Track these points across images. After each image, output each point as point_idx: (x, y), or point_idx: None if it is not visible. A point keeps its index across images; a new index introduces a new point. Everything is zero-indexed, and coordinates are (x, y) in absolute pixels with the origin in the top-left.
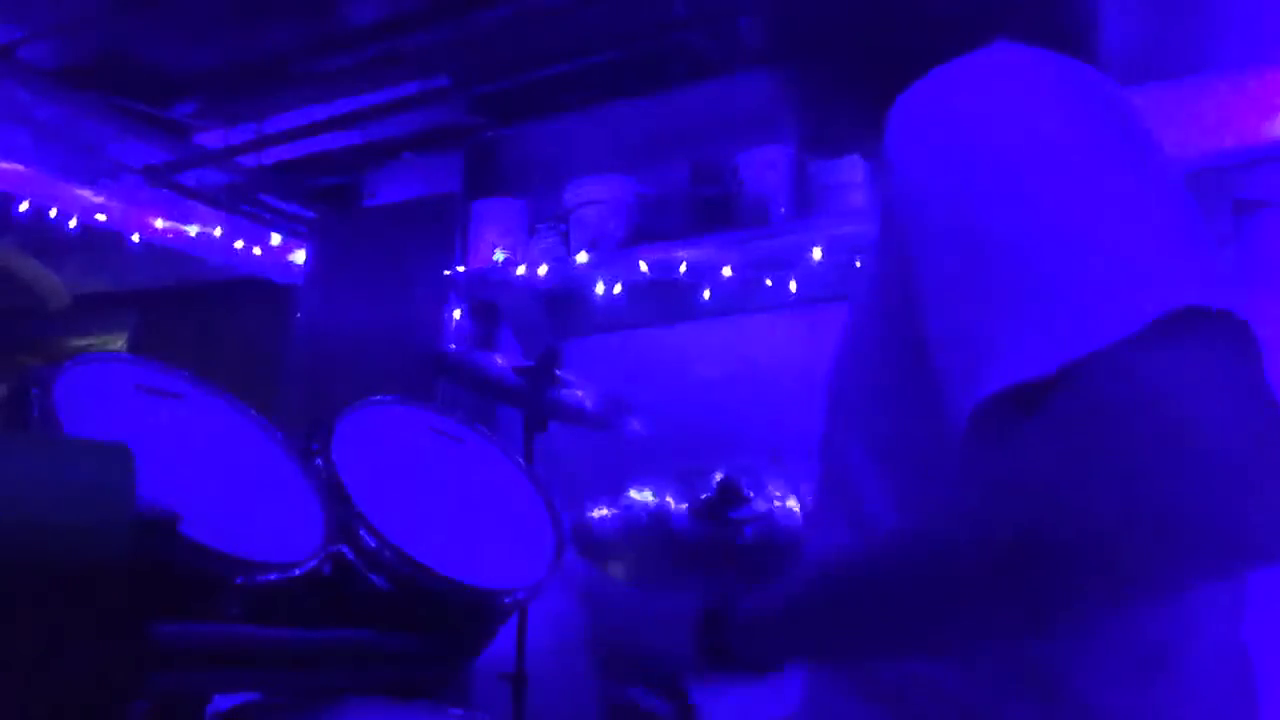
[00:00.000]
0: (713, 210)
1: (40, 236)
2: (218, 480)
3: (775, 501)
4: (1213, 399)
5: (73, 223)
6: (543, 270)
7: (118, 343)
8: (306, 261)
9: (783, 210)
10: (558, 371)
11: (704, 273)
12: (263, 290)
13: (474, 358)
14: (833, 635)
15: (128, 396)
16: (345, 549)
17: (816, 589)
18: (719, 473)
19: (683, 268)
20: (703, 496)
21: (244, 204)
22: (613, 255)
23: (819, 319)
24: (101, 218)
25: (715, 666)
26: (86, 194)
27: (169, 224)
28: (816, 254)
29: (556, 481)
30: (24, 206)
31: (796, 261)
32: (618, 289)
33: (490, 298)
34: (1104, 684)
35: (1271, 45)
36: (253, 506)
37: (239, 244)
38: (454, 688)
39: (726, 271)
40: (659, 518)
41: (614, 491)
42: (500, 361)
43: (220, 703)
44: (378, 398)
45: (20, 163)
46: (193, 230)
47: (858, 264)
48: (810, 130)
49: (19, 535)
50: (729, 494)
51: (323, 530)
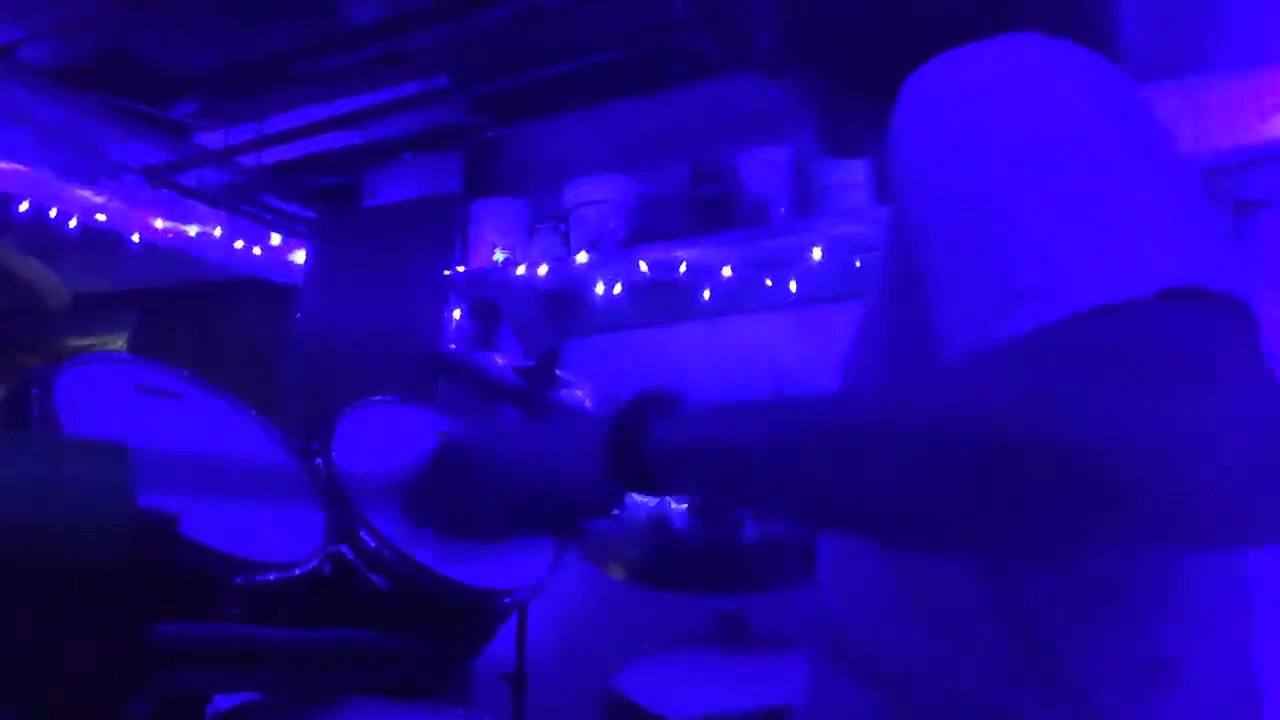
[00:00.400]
0: (713, 210)
1: (40, 236)
2: (218, 480)
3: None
4: (1224, 356)
5: (73, 223)
6: (543, 270)
7: (118, 343)
8: (306, 261)
9: (783, 210)
10: (558, 371)
11: (704, 273)
12: (263, 290)
13: (474, 358)
14: (789, 486)
15: (128, 396)
16: (345, 549)
17: (779, 433)
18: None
19: (683, 268)
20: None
21: (244, 204)
22: (613, 255)
23: (819, 319)
24: (101, 218)
25: (623, 484)
26: (86, 194)
27: (169, 224)
28: (816, 254)
29: None
30: (24, 206)
31: (796, 261)
32: (618, 289)
33: (490, 298)
34: (1107, 684)
35: (1271, 45)
36: (253, 506)
37: (239, 244)
38: (454, 688)
39: (726, 271)
40: (659, 518)
41: None
42: (500, 361)
43: (220, 703)
44: (378, 398)
45: (20, 163)
46: (193, 230)
47: (857, 264)
48: (821, 132)
49: (19, 535)
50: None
51: (323, 530)
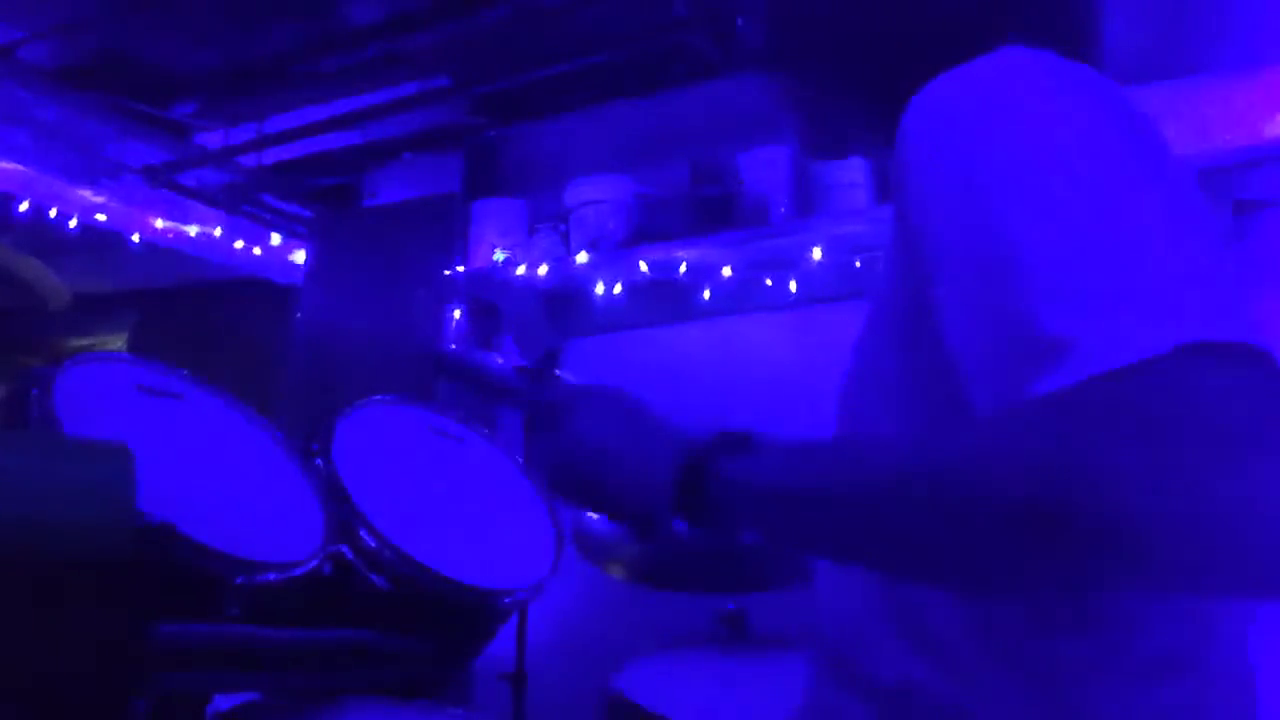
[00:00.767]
0: (713, 210)
1: (40, 236)
2: (218, 480)
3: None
4: (1262, 419)
5: (73, 223)
6: (543, 270)
7: (118, 343)
8: (306, 261)
9: (783, 210)
10: (558, 371)
11: (704, 273)
12: (263, 290)
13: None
14: (833, 535)
15: (128, 396)
16: (345, 549)
17: (844, 481)
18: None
19: (683, 268)
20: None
21: (244, 204)
22: (613, 255)
23: (819, 319)
24: (101, 218)
25: (685, 516)
26: (86, 194)
27: (169, 224)
28: (816, 254)
29: None
30: (24, 206)
31: (796, 261)
32: (618, 289)
33: (490, 298)
34: (1109, 696)
35: (1271, 45)
36: (253, 506)
37: (239, 244)
38: (454, 688)
39: (726, 271)
40: None
41: None
42: (500, 361)
43: (220, 703)
44: (378, 398)
45: (20, 163)
46: (193, 230)
47: (858, 264)
48: (811, 132)
49: (19, 535)
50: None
51: (323, 530)
